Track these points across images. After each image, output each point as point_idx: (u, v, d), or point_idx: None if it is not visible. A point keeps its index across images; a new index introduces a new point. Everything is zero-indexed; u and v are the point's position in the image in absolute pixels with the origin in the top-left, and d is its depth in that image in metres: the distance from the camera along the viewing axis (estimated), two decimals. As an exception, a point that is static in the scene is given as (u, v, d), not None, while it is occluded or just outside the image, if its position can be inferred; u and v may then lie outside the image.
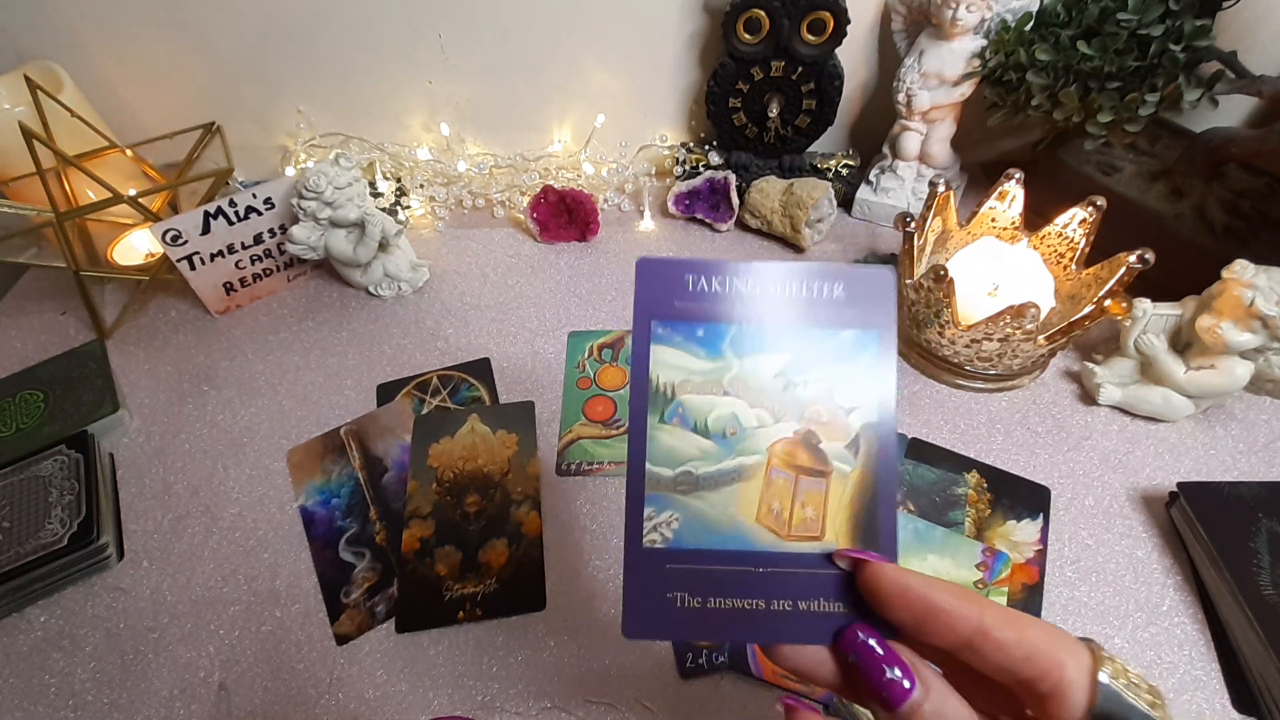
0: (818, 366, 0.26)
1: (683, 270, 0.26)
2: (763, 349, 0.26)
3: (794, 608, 0.24)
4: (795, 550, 0.25)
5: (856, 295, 0.26)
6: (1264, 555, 0.46)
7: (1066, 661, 0.21)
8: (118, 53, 0.74)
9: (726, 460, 0.25)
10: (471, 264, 0.75)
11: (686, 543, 0.25)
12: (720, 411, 0.25)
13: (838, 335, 0.26)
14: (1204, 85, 0.59)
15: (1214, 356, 0.54)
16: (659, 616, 0.24)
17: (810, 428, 0.25)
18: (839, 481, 0.25)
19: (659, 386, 0.26)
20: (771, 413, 0.25)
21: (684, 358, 0.26)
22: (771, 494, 0.25)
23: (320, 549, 0.52)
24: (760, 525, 0.25)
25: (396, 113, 0.80)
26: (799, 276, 0.26)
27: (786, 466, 0.25)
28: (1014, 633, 0.21)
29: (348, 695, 0.46)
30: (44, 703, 0.46)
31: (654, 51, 0.75)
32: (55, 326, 0.70)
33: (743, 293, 0.26)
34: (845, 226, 0.77)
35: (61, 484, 0.53)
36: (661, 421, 0.25)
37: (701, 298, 0.26)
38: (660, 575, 0.25)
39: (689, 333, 0.26)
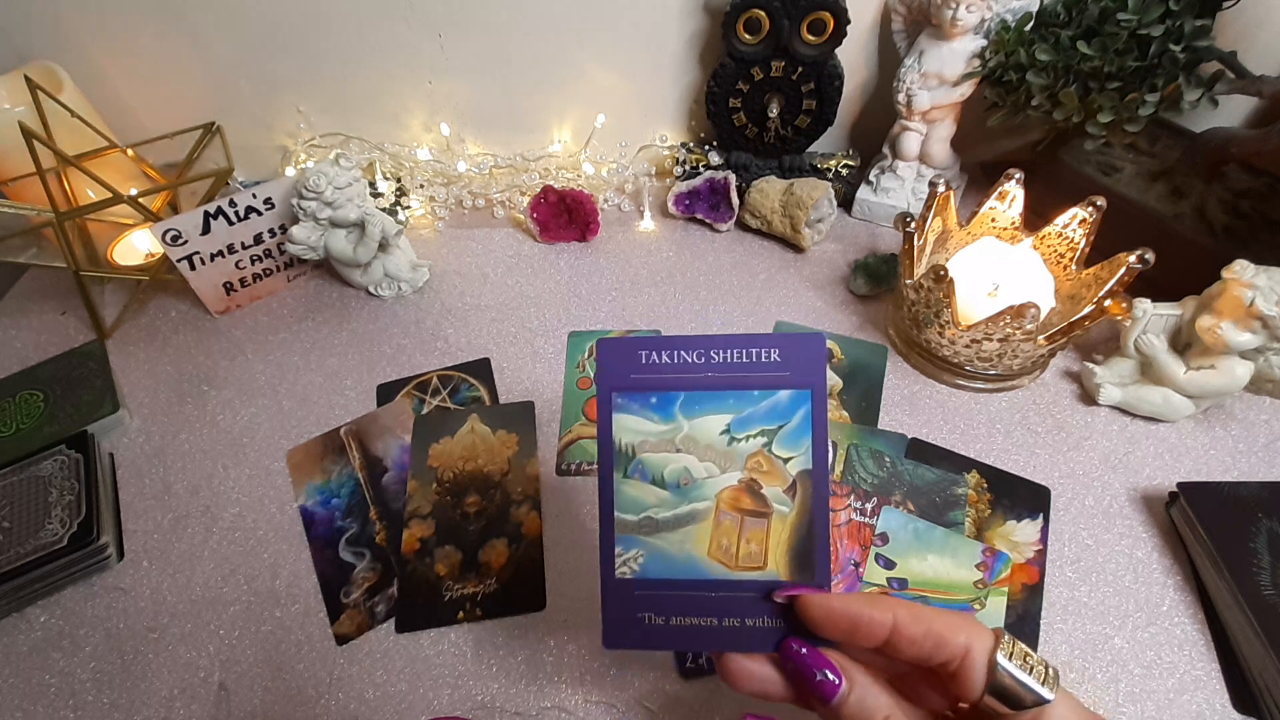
0: (757, 423, 0.30)
1: (636, 347, 0.31)
2: (709, 411, 0.30)
3: (741, 624, 0.29)
4: (742, 578, 0.29)
5: (790, 358, 0.30)
6: (1264, 555, 0.46)
7: (971, 645, 0.25)
8: (118, 53, 0.74)
9: (681, 506, 0.30)
10: (471, 264, 0.75)
11: (651, 574, 0.30)
12: (674, 466, 0.30)
13: (774, 395, 0.30)
14: (1204, 85, 0.59)
15: (1214, 356, 0.54)
16: (631, 632, 0.30)
17: (752, 476, 0.30)
18: (779, 521, 0.29)
19: (621, 447, 0.30)
20: (718, 465, 0.30)
21: (641, 422, 0.30)
22: (720, 533, 0.30)
23: (320, 549, 0.52)
24: (712, 559, 0.30)
25: (396, 113, 0.80)
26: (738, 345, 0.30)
27: (733, 510, 0.30)
28: (920, 628, 0.25)
29: (348, 695, 0.46)
30: (44, 703, 0.46)
31: (654, 51, 0.75)
32: (55, 326, 0.70)
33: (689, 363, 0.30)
34: (845, 226, 0.77)
35: (61, 484, 0.53)
36: (625, 476, 0.30)
37: (654, 369, 0.31)
38: (631, 600, 0.30)
39: (644, 401, 0.30)
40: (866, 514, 0.52)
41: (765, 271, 0.73)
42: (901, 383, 0.62)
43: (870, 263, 0.69)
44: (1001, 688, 0.24)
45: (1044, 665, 0.25)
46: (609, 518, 0.30)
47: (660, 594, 0.29)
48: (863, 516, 0.52)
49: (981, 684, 0.24)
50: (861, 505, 0.52)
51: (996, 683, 0.24)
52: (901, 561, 0.49)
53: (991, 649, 0.25)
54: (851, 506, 0.52)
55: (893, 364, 0.63)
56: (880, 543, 0.50)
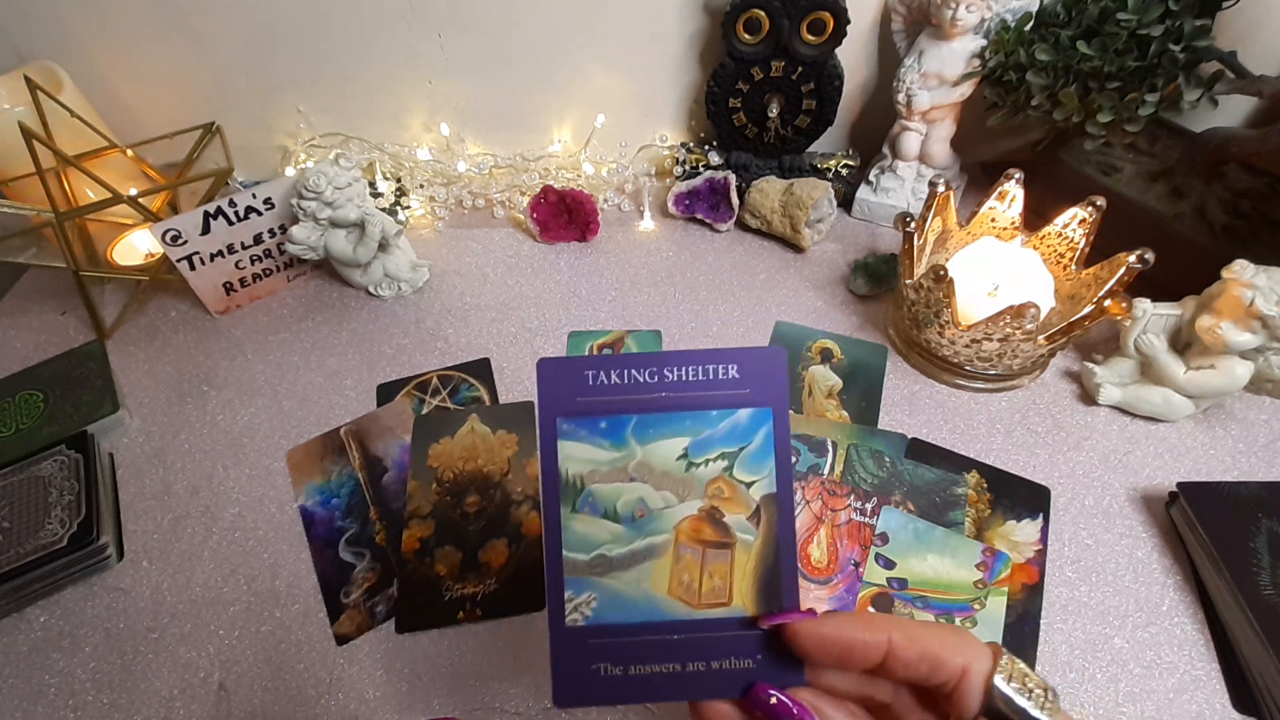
0: (717, 445, 0.27)
1: (583, 367, 0.28)
2: (664, 434, 0.28)
3: (707, 667, 0.27)
4: (706, 617, 0.27)
5: (749, 374, 0.28)
6: (1264, 555, 0.46)
7: (969, 666, 0.24)
8: (118, 53, 0.74)
9: (637, 541, 0.27)
10: (471, 264, 0.75)
11: (605, 619, 0.27)
12: (628, 497, 0.27)
13: (734, 414, 0.27)
14: (1204, 85, 0.59)
15: (1214, 356, 0.54)
16: (585, 685, 0.27)
17: (713, 503, 0.27)
18: (743, 550, 0.27)
19: (569, 479, 0.28)
20: (676, 493, 0.27)
21: (590, 450, 0.28)
22: (681, 568, 0.27)
23: (320, 549, 0.52)
24: (672, 597, 0.27)
25: (396, 113, 0.80)
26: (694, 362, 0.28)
27: (693, 542, 0.27)
28: (916, 649, 0.24)
29: (348, 695, 0.46)
30: (44, 703, 0.46)
31: (654, 51, 0.75)
32: (55, 326, 0.70)
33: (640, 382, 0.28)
34: (845, 226, 0.77)
35: (61, 484, 0.53)
36: (574, 511, 0.27)
37: (602, 390, 0.28)
38: (583, 649, 0.27)
39: (593, 426, 0.28)
40: (866, 514, 0.52)
41: (765, 271, 0.73)
42: (901, 383, 0.62)
43: (870, 263, 0.69)
44: (998, 711, 0.24)
45: (1044, 689, 0.24)
46: (556, 559, 0.27)
47: (616, 641, 0.27)
48: (863, 516, 0.52)
49: (977, 706, 0.24)
50: (861, 505, 0.52)
51: (993, 706, 0.24)
52: (901, 561, 0.49)
53: (989, 670, 0.24)
54: (851, 506, 0.52)
55: (893, 364, 0.63)
56: (880, 543, 0.50)
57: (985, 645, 0.25)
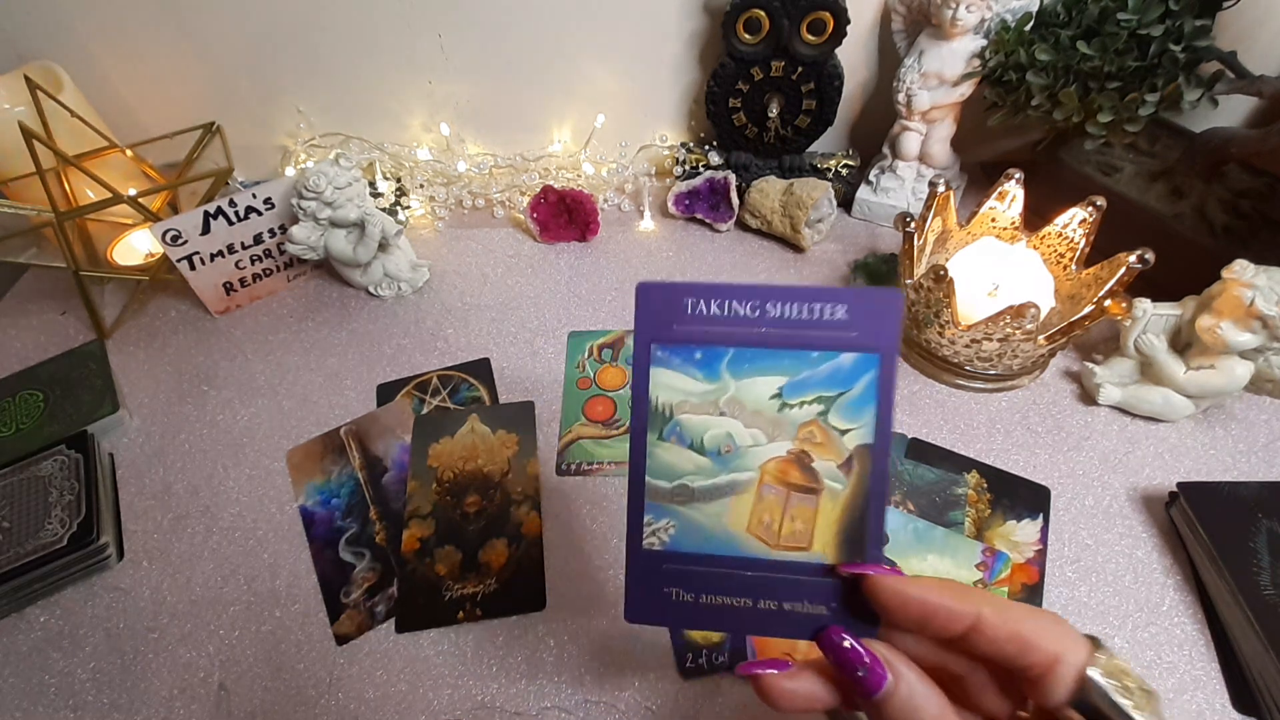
0: (814, 388, 0.26)
1: (682, 294, 0.27)
2: (759, 371, 0.27)
3: (779, 608, 0.26)
4: (783, 559, 0.26)
5: (859, 317, 0.26)
6: (1264, 555, 0.46)
7: (1063, 654, 0.22)
8: (118, 53, 0.74)
9: (721, 476, 0.27)
10: (471, 264, 0.75)
11: (682, 547, 0.27)
12: (716, 431, 0.27)
13: (836, 358, 0.26)
14: (1204, 85, 0.59)
15: (1214, 356, 0.54)
16: (656, 607, 0.27)
17: (804, 447, 0.26)
18: (830, 498, 0.26)
19: (658, 406, 0.27)
20: (766, 433, 0.27)
21: (682, 380, 0.27)
22: (763, 508, 0.27)
23: (320, 549, 0.52)
24: (751, 535, 0.27)
25: (396, 113, 0.80)
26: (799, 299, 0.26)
27: (778, 483, 0.27)
28: (1008, 628, 0.23)
29: (348, 695, 0.46)
30: (44, 703, 0.46)
31: (654, 51, 0.75)
32: (55, 326, 0.70)
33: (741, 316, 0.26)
34: (845, 226, 0.77)
35: (61, 484, 0.53)
36: (660, 439, 0.27)
37: (700, 321, 0.27)
38: (658, 573, 0.27)
39: (687, 355, 0.27)
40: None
41: (765, 271, 0.73)
42: (901, 383, 0.62)
43: (870, 263, 0.69)
44: (1090, 705, 0.22)
45: (1143, 691, 0.22)
46: (639, 483, 0.27)
47: (691, 569, 0.27)
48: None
49: (1065, 696, 0.22)
50: (861, 505, 0.52)
51: (1085, 700, 0.22)
52: (901, 561, 0.49)
53: (1084, 661, 0.22)
54: (852, 506, 0.52)
55: (893, 364, 0.63)
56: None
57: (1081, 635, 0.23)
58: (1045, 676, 0.22)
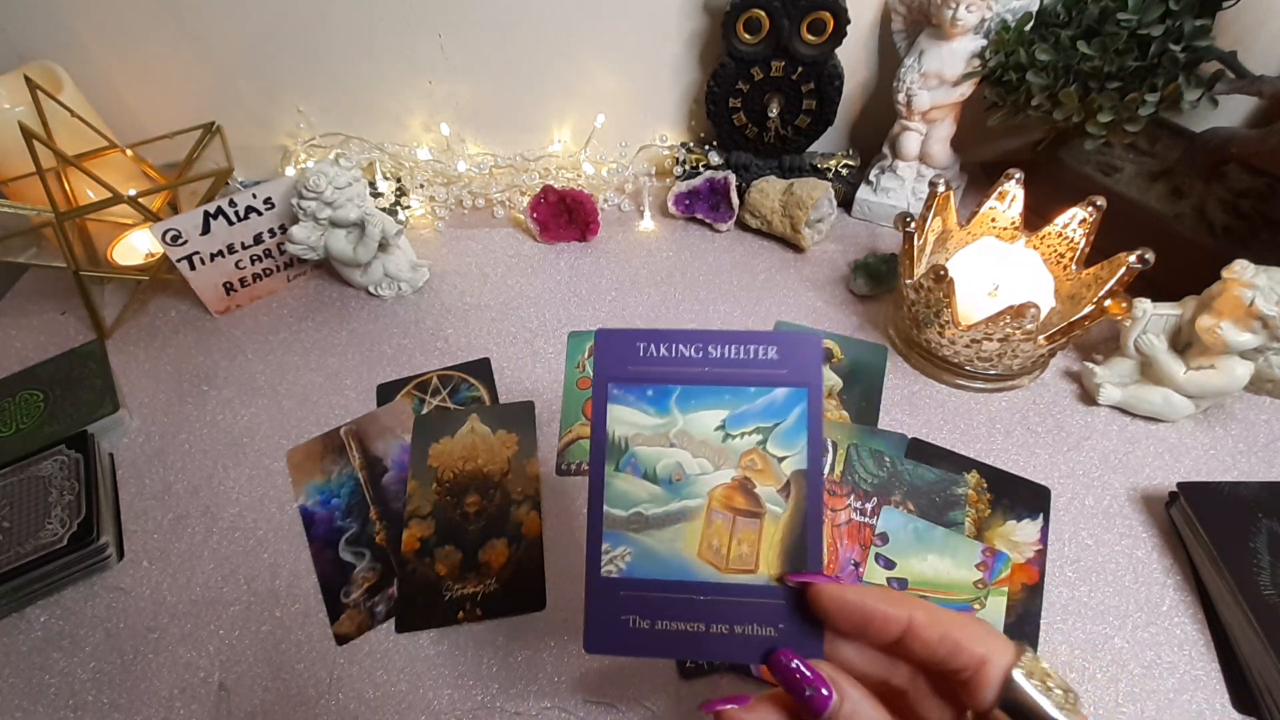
0: (753, 420, 0.29)
1: (635, 339, 0.30)
2: (704, 406, 0.30)
3: (730, 630, 0.28)
4: (732, 581, 0.28)
5: (787, 357, 0.30)
6: (1264, 555, 0.46)
7: (991, 657, 0.24)
8: (118, 53, 0.74)
9: (673, 503, 0.29)
10: (471, 264, 0.75)
11: (638, 573, 0.29)
12: (667, 461, 0.29)
13: (770, 393, 0.29)
14: (1204, 85, 0.59)
15: (1214, 356, 0.54)
16: (615, 635, 0.28)
17: (747, 474, 0.29)
18: (771, 521, 0.29)
19: (615, 440, 0.30)
20: (712, 461, 0.29)
21: (636, 415, 0.30)
22: (711, 532, 0.29)
23: (320, 549, 0.52)
24: (702, 560, 0.29)
25: (396, 113, 0.80)
26: (736, 341, 0.30)
27: (725, 509, 0.29)
28: (937, 631, 0.24)
29: (348, 695, 0.46)
30: (44, 703, 0.46)
31: (654, 51, 0.75)
32: (55, 326, 0.70)
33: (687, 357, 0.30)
34: (845, 226, 0.77)
35: (61, 484, 0.53)
36: (617, 470, 0.29)
37: (651, 362, 0.30)
38: (616, 600, 0.29)
39: (640, 393, 0.30)
40: (866, 514, 0.52)
41: (765, 271, 0.73)
42: (901, 383, 0.62)
43: (870, 263, 0.69)
44: (1016, 705, 0.23)
45: (1065, 690, 0.24)
46: (598, 512, 0.29)
47: (647, 595, 0.28)
48: (863, 516, 0.52)
49: (994, 696, 0.23)
50: (861, 505, 0.52)
51: (1011, 699, 0.23)
52: (901, 561, 0.49)
53: (1009, 663, 0.24)
54: (851, 506, 0.52)
55: (893, 364, 0.63)
56: (880, 543, 0.50)
57: (1009, 640, 0.25)
58: (974, 678, 0.24)
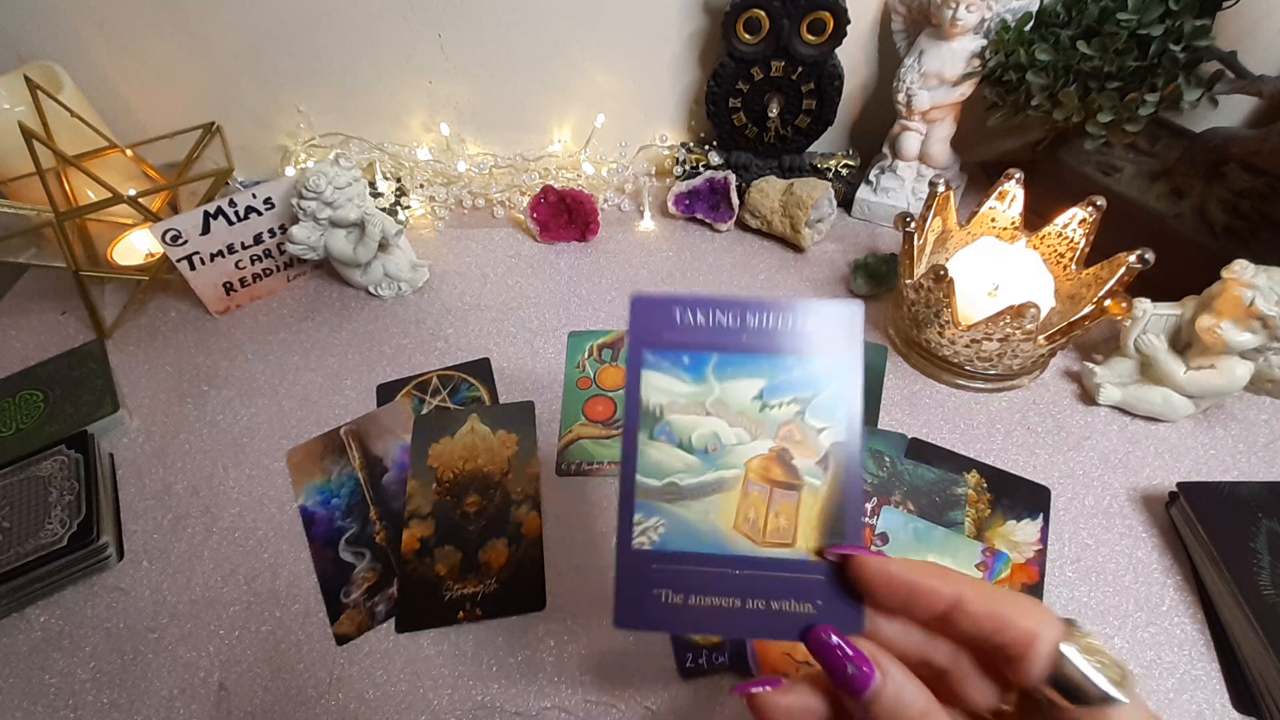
0: (791, 390, 0.29)
1: (671, 305, 0.29)
2: (741, 374, 0.29)
3: (766, 607, 0.27)
4: (769, 555, 0.27)
5: (826, 327, 0.29)
6: (1264, 555, 0.46)
7: (1039, 633, 0.23)
8: (118, 53, 0.74)
9: (708, 473, 0.28)
10: (471, 264, 0.75)
11: (671, 546, 0.28)
12: (703, 430, 0.29)
13: (810, 362, 0.29)
14: (1204, 85, 0.59)
15: (1214, 356, 0.54)
16: (645, 610, 0.27)
17: (784, 445, 0.28)
18: (810, 494, 0.28)
19: (649, 407, 0.29)
20: (749, 431, 0.28)
21: (671, 382, 0.29)
22: (748, 505, 0.28)
23: (320, 549, 0.52)
24: (737, 532, 0.28)
25: (396, 113, 0.80)
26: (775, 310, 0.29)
27: (762, 480, 0.28)
28: (987, 606, 0.24)
29: (348, 695, 0.46)
30: (44, 703, 0.46)
31: (654, 51, 0.75)
32: (55, 326, 0.70)
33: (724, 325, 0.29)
34: (845, 226, 0.77)
35: (61, 484, 0.53)
36: (651, 438, 0.29)
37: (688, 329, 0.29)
38: (647, 574, 0.28)
39: (676, 360, 0.29)
40: (866, 514, 0.52)
41: (765, 271, 0.73)
42: (901, 383, 0.62)
43: (870, 263, 0.69)
44: (1065, 680, 0.23)
45: (1116, 665, 0.23)
46: (630, 482, 0.28)
47: (680, 569, 0.27)
48: (863, 516, 0.52)
49: (1043, 673, 0.23)
50: (861, 505, 0.52)
51: (1060, 675, 0.23)
52: (901, 561, 0.49)
53: (1059, 639, 0.23)
54: (851, 506, 0.52)
55: (893, 364, 0.63)
56: (880, 543, 0.50)
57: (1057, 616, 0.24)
58: (1023, 654, 0.23)
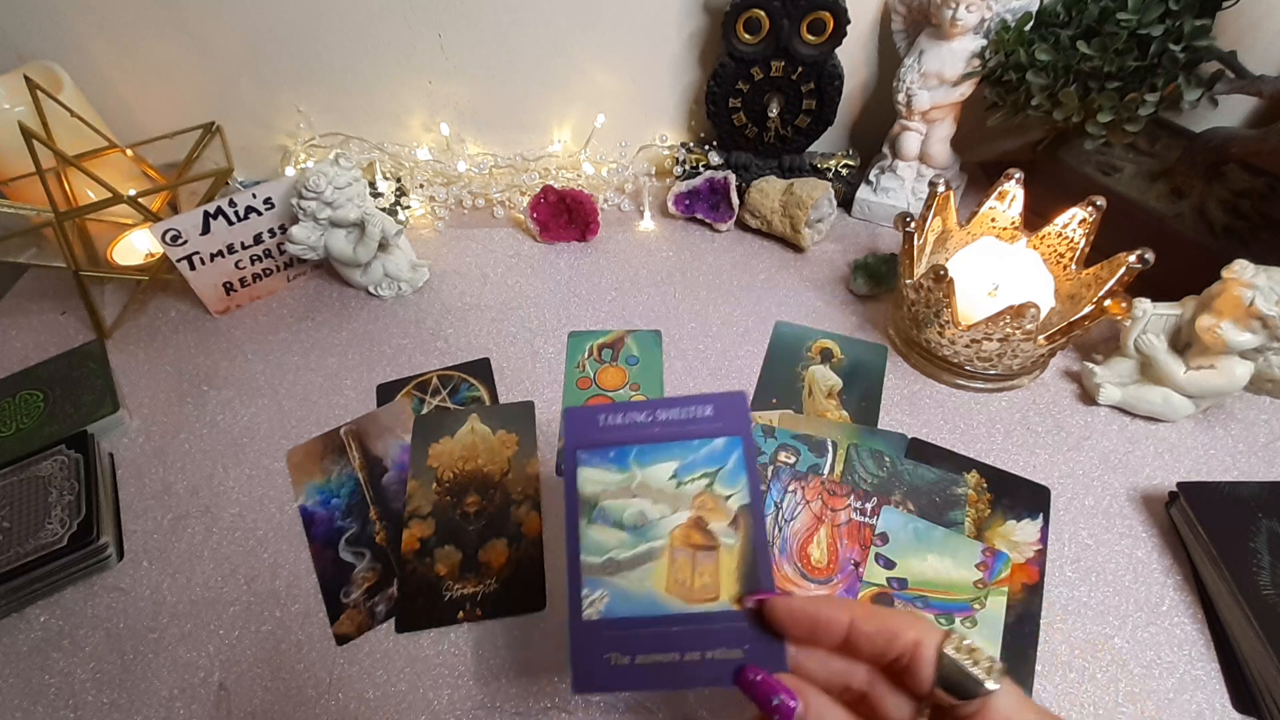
0: (700, 467, 0.34)
1: (595, 413, 0.36)
2: (658, 460, 0.35)
3: (702, 657, 0.31)
4: (699, 610, 0.31)
5: (721, 412, 0.35)
6: (1264, 555, 0.46)
7: (922, 640, 0.27)
8: (118, 53, 0.74)
9: (640, 545, 0.33)
10: (471, 264, 0.75)
11: (615, 612, 0.32)
12: (631, 509, 0.34)
13: (711, 443, 0.35)
14: (1204, 85, 0.59)
15: (1214, 356, 0.54)
16: (599, 674, 0.31)
17: (699, 514, 0.34)
18: (726, 552, 0.33)
19: (586, 497, 0.34)
20: (670, 506, 0.34)
21: (602, 474, 0.35)
22: (676, 568, 0.33)
23: (320, 549, 0.52)
24: (670, 594, 0.32)
25: (396, 113, 0.80)
26: (677, 405, 0.36)
27: (685, 545, 0.33)
28: (874, 624, 0.28)
29: (348, 695, 0.46)
30: (44, 703, 0.46)
31: (654, 51, 0.75)
32: (55, 326, 0.70)
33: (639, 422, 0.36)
34: (845, 226, 0.77)
35: (61, 484, 0.53)
36: (590, 522, 0.34)
37: (611, 429, 0.36)
38: (597, 640, 0.31)
39: (604, 455, 0.35)
40: (866, 514, 0.52)
41: (765, 271, 0.73)
42: (901, 383, 0.62)
43: (870, 263, 0.69)
44: (948, 679, 0.26)
45: (989, 659, 0.27)
46: (575, 561, 0.33)
47: (625, 633, 0.31)
48: (863, 516, 0.52)
49: (931, 675, 0.26)
50: (861, 505, 0.52)
51: (944, 674, 0.26)
52: (901, 561, 0.49)
53: (939, 642, 0.27)
54: (851, 506, 0.52)
55: (893, 364, 0.63)
56: (880, 543, 0.50)
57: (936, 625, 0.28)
58: (912, 663, 0.27)
